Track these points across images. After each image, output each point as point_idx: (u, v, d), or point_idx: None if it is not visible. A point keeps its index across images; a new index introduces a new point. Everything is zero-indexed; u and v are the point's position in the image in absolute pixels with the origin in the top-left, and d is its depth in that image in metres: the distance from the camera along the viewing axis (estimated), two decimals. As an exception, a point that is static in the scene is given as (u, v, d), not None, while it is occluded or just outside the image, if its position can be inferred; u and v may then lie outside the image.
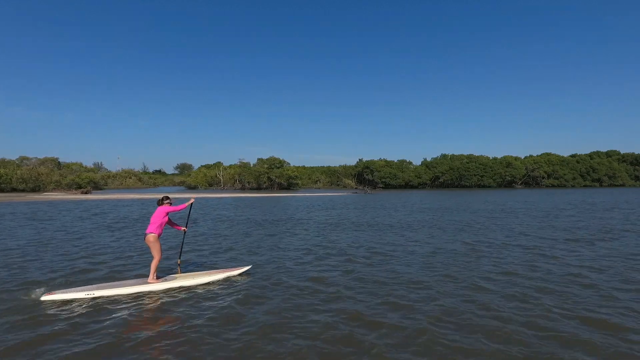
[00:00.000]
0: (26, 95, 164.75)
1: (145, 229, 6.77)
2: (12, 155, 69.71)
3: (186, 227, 7.57)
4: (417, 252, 9.50)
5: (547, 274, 7.30)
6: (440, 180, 79.28)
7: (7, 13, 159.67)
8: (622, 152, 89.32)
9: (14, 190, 52.04)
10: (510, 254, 9.23)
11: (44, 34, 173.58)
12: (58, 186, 57.05)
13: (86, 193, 49.41)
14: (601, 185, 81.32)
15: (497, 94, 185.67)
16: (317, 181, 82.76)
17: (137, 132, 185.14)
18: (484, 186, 77.66)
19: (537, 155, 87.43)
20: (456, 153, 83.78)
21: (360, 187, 71.91)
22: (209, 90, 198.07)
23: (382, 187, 75.46)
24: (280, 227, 14.63)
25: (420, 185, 78.65)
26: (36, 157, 69.54)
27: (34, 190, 53.45)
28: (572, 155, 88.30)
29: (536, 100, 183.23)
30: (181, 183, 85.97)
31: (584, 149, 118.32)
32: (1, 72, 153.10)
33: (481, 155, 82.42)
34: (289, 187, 68.52)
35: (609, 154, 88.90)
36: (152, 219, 6.75)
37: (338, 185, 79.75)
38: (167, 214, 6.84)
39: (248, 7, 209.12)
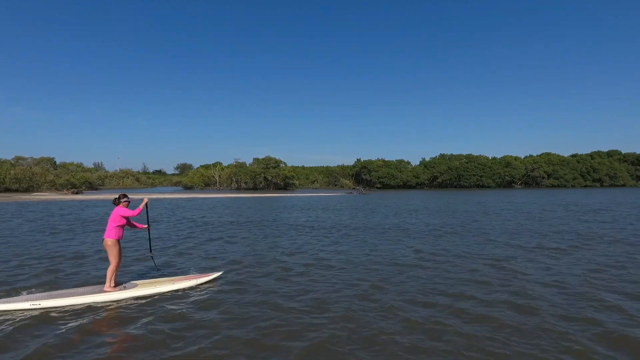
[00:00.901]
0: (26, 95, 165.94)
1: (102, 231, 6.30)
2: (11, 156, 69.88)
3: (148, 225, 7.05)
4: (351, 262, 8.97)
5: (470, 299, 6.67)
6: (438, 181, 78.46)
7: (7, 13, 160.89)
8: (623, 151, 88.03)
9: (7, 190, 52.00)
10: (455, 267, 8.67)
11: (44, 34, 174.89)
12: (52, 186, 57.01)
13: (77, 193, 49.30)
14: (602, 186, 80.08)
15: (497, 94, 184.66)
16: (314, 181, 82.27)
17: (137, 132, 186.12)
18: (483, 186, 76.75)
19: (537, 155, 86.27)
20: (456, 153, 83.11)
21: (357, 188, 71.28)
22: (209, 90, 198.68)
23: (380, 187, 74.83)
24: (238, 230, 14.15)
25: (419, 186, 77.89)
26: (32, 157, 69.66)
27: (27, 190, 53.41)
28: (573, 155, 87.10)
29: (536, 100, 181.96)
30: (178, 183, 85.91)
31: (584, 149, 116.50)
32: (1, 72, 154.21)
33: (480, 155, 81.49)
34: (285, 187, 68.02)
35: (610, 154, 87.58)
36: (109, 222, 6.32)
37: (335, 185, 79.19)
38: (124, 217, 6.40)
39: (248, 7, 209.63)
